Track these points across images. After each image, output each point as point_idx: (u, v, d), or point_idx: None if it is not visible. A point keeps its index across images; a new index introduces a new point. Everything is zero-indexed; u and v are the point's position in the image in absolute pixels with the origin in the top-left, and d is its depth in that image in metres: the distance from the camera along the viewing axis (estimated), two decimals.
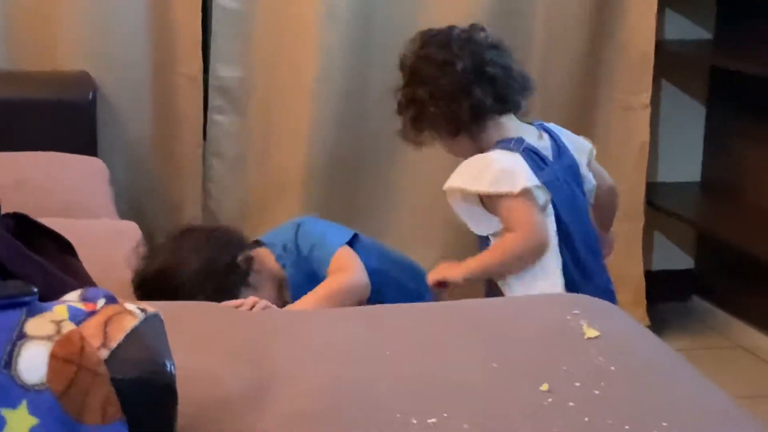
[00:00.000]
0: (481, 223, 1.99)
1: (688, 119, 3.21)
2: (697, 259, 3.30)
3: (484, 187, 1.95)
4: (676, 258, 3.29)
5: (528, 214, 1.95)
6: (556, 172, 2.02)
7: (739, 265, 3.04)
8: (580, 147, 2.13)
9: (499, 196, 1.94)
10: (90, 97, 2.55)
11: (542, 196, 1.98)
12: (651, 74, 2.94)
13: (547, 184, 1.98)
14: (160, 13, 2.72)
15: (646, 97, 2.95)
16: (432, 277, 2.00)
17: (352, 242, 2.00)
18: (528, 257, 1.97)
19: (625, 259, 3.02)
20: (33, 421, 0.99)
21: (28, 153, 2.37)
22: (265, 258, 1.99)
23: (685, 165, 3.23)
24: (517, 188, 1.94)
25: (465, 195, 1.98)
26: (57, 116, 2.50)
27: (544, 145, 2.05)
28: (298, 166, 2.82)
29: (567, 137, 2.12)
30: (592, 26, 2.92)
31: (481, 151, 2.00)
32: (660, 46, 2.96)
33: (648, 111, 2.96)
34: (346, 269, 1.90)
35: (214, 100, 2.83)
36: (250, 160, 2.86)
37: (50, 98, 2.53)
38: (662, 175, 3.22)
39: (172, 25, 2.71)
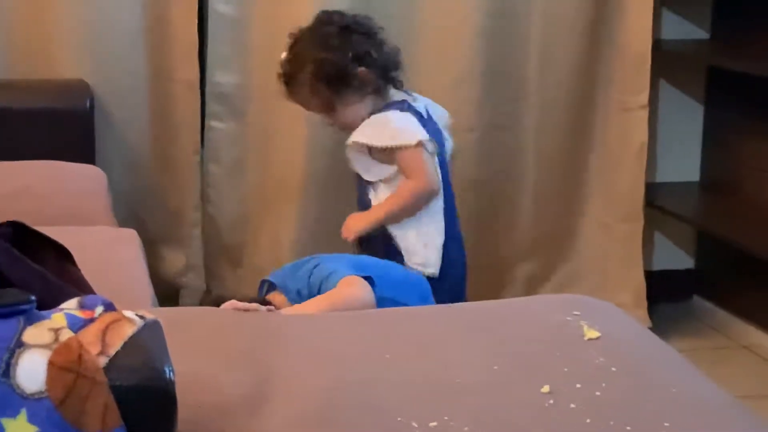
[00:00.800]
0: (370, 171, 2.38)
1: (687, 119, 3.21)
2: (698, 258, 3.30)
3: (386, 141, 2.33)
4: (676, 258, 3.29)
5: (423, 163, 2.33)
6: (432, 129, 2.40)
7: (740, 264, 3.04)
8: (440, 113, 2.52)
9: (399, 148, 2.32)
10: (87, 104, 2.55)
11: (431, 147, 2.36)
12: (648, 74, 2.94)
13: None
14: (157, 19, 2.72)
15: (644, 97, 2.95)
16: (344, 234, 2.40)
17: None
18: (423, 200, 2.36)
19: (626, 260, 3.02)
20: (32, 429, 0.99)
21: (26, 162, 2.37)
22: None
23: (684, 164, 3.23)
24: (413, 141, 2.32)
25: (359, 147, 2.36)
26: (54, 124, 2.50)
27: (420, 107, 2.43)
28: (297, 171, 2.82)
29: (431, 104, 2.50)
30: (589, 27, 2.92)
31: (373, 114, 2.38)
32: (657, 46, 2.96)
33: (646, 111, 2.96)
34: (353, 285, 1.90)
35: (212, 106, 2.83)
36: (249, 166, 2.86)
37: (47, 106, 2.53)
38: (661, 175, 3.21)
39: (169, 31, 2.71)
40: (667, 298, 3.21)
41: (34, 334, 1.03)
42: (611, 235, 3.03)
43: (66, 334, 1.03)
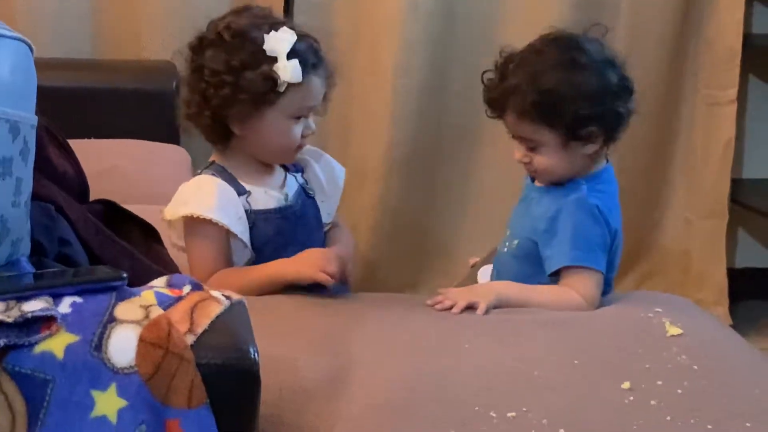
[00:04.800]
0: None
1: None
2: None
3: None
4: (760, 256, 3.23)
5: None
6: None
7: None
8: None
9: None
10: (174, 86, 2.58)
11: None
12: (738, 69, 2.88)
13: None
14: (244, 4, 2.75)
15: (732, 92, 2.89)
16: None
17: None
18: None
19: (709, 257, 2.97)
20: (121, 403, 1.01)
21: (116, 141, 2.41)
22: None
23: None
24: None
25: None
26: (141, 105, 2.54)
27: None
28: (378, 160, 2.83)
29: None
30: (678, 20, 2.87)
31: None
32: (747, 40, 2.89)
33: (734, 106, 2.90)
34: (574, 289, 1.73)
35: None
36: (330, 152, 2.86)
37: (135, 87, 2.58)
38: (747, 172, 3.15)
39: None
40: (749, 296, 3.15)
41: (125, 309, 1.05)
42: (694, 230, 2.98)
43: (156, 312, 1.05)
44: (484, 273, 1.85)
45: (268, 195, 1.75)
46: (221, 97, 1.69)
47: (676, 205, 3.00)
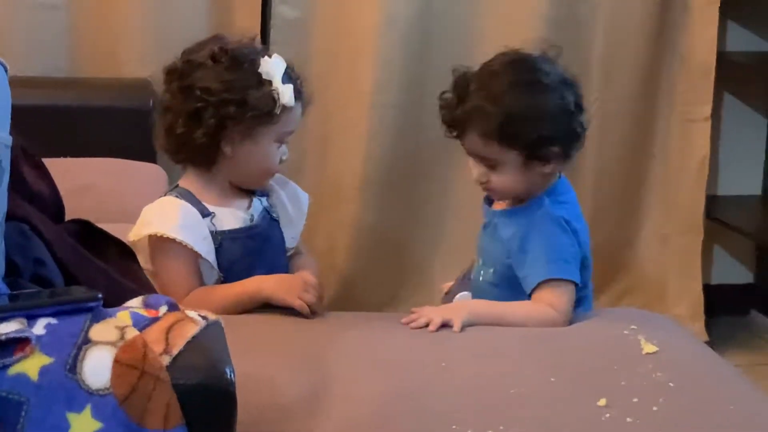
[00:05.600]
0: None
1: (750, 132, 3.16)
2: (757, 273, 3.25)
3: None
4: (735, 272, 3.25)
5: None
6: None
7: None
8: None
9: None
10: (150, 104, 2.58)
11: None
12: (712, 86, 2.90)
13: None
14: (221, 21, 2.75)
15: (707, 109, 2.92)
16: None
17: None
18: None
19: (685, 273, 2.99)
20: (97, 425, 1.01)
21: (91, 159, 2.40)
22: None
23: (745, 178, 3.19)
24: None
25: None
26: (118, 123, 2.54)
27: None
28: (355, 176, 2.83)
29: None
30: (653, 37, 2.89)
31: None
32: (722, 57, 2.92)
33: (709, 123, 2.92)
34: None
35: None
36: (307, 169, 2.88)
37: (112, 105, 2.57)
38: (722, 188, 3.18)
39: (232, 34, 2.73)
40: (724, 312, 3.17)
41: (100, 331, 1.05)
42: (670, 247, 3.00)
43: (131, 332, 1.05)
44: (462, 300, 1.85)
45: (234, 215, 1.77)
46: (222, 116, 1.71)
47: (651, 221, 3.02)
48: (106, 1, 2.68)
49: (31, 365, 1.01)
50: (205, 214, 1.75)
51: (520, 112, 1.70)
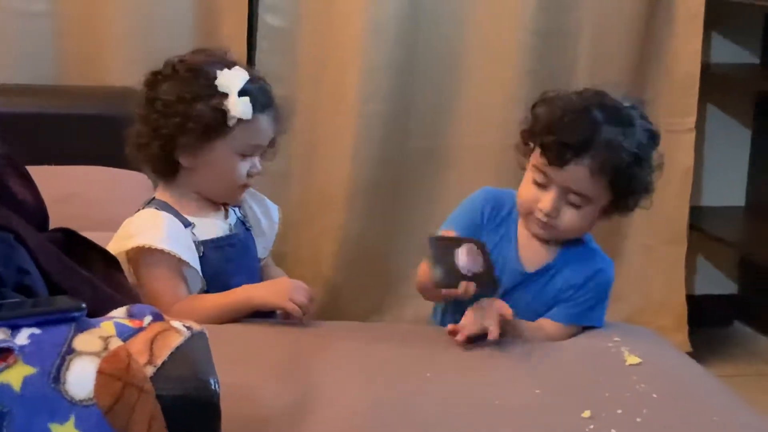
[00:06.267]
0: None
1: (734, 143, 3.18)
2: (741, 284, 3.27)
3: None
4: (719, 283, 3.26)
5: None
6: None
7: None
8: None
9: None
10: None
11: None
12: (696, 98, 2.92)
13: None
14: (207, 29, 2.75)
15: (691, 120, 2.93)
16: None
17: None
18: None
19: (668, 284, 3.00)
20: None
21: (75, 167, 2.40)
22: None
23: (729, 189, 3.20)
24: None
25: None
26: (102, 131, 2.53)
27: None
28: (342, 183, 2.83)
29: None
30: (637, 48, 2.91)
31: None
32: (706, 69, 2.94)
33: (693, 135, 2.94)
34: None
35: None
36: (294, 177, 2.88)
37: (96, 113, 2.56)
38: (706, 199, 3.19)
39: (219, 42, 2.73)
40: (708, 323, 3.18)
41: (84, 341, 1.04)
42: (654, 257, 3.01)
43: (115, 343, 1.04)
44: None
45: (214, 225, 1.79)
46: (171, 127, 1.73)
47: (635, 232, 3.03)
48: (91, 10, 2.67)
49: (14, 375, 1.01)
50: (186, 225, 1.76)
51: (646, 158, 1.64)
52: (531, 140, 1.69)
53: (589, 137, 1.61)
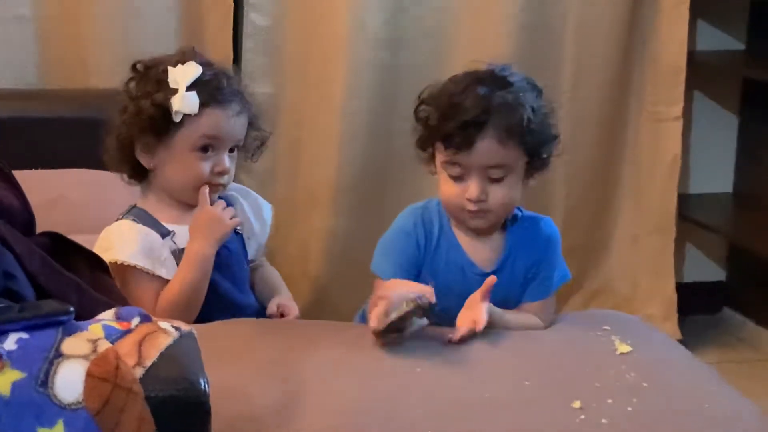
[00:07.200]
0: None
1: (721, 130, 3.19)
2: (729, 271, 3.28)
3: None
4: (707, 270, 3.27)
5: None
6: None
7: None
8: None
9: None
10: None
11: None
12: (683, 85, 2.92)
13: None
14: (192, 30, 2.74)
15: (678, 108, 2.93)
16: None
17: None
18: None
19: (657, 272, 3.00)
20: None
21: (62, 171, 2.39)
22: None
23: (717, 176, 3.21)
24: None
25: None
26: (90, 134, 2.52)
27: None
28: (328, 181, 2.83)
29: None
30: (623, 37, 2.91)
31: None
32: (692, 57, 2.94)
33: (680, 123, 2.94)
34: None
35: None
36: (280, 175, 2.88)
37: (83, 116, 2.55)
38: (694, 187, 3.20)
39: (204, 42, 2.73)
40: (697, 310, 3.19)
41: (72, 344, 1.04)
42: (642, 246, 3.02)
43: (103, 345, 1.04)
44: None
45: None
46: (124, 125, 1.75)
47: (623, 221, 3.03)
48: (74, 12, 2.66)
49: (2, 381, 1.01)
50: (164, 234, 1.76)
51: (539, 108, 1.64)
52: (429, 142, 1.69)
53: (485, 107, 1.60)
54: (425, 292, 1.51)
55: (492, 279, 1.60)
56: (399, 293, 1.51)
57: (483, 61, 1.72)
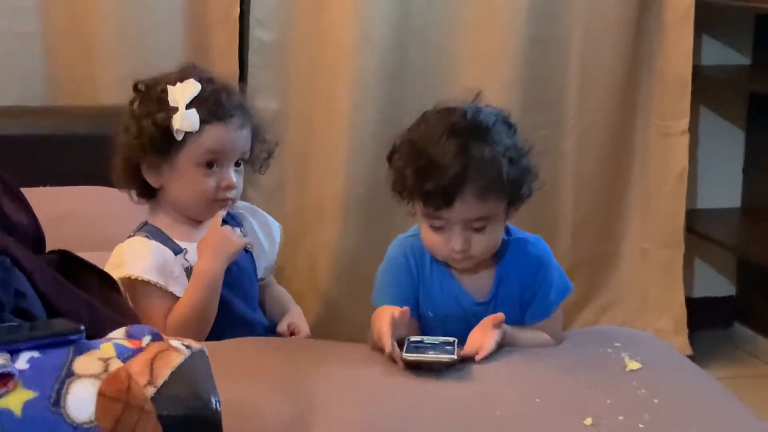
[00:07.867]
0: None
1: (727, 145, 3.19)
2: (739, 285, 3.27)
3: None
4: (717, 285, 3.26)
5: None
6: None
7: None
8: None
9: None
10: None
11: None
12: (689, 100, 2.92)
13: None
14: (199, 45, 2.75)
15: (684, 122, 2.93)
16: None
17: None
18: None
19: (666, 287, 3.00)
20: None
21: (70, 187, 2.39)
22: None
23: (724, 191, 3.21)
24: None
25: None
26: (98, 150, 2.52)
27: None
28: (336, 194, 2.83)
29: None
30: (629, 52, 2.91)
31: None
32: (698, 71, 2.94)
33: (686, 137, 2.94)
34: None
35: None
36: (288, 190, 2.88)
37: (91, 133, 2.55)
38: (702, 202, 3.20)
39: (211, 58, 2.74)
40: (707, 325, 3.18)
41: (84, 363, 1.04)
42: (651, 261, 3.01)
43: (115, 364, 1.04)
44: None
45: None
46: (128, 146, 1.76)
47: (632, 236, 3.03)
48: (82, 28, 2.67)
49: (15, 400, 1.00)
50: (177, 251, 1.76)
51: (516, 153, 1.60)
52: (407, 196, 1.66)
53: (461, 168, 1.56)
54: (403, 313, 1.56)
55: (501, 316, 1.59)
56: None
57: (455, 99, 1.68)
